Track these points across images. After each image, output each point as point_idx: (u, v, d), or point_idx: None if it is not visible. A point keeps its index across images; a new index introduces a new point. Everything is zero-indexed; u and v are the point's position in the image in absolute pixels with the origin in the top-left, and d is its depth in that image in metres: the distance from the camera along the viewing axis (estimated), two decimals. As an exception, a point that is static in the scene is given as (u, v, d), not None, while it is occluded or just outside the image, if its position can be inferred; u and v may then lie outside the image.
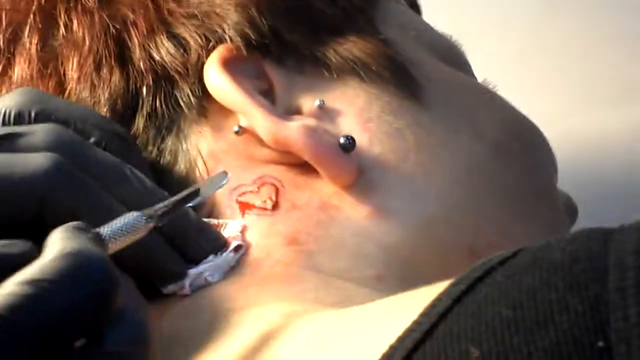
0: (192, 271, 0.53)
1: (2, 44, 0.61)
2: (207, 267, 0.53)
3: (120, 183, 0.53)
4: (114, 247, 0.48)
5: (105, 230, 0.48)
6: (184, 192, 0.53)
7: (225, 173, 0.54)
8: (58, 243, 0.43)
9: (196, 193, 0.53)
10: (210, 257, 0.54)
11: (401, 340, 0.40)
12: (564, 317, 0.37)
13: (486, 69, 0.68)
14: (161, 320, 0.53)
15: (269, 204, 0.56)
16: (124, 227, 0.49)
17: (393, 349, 0.40)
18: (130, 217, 0.49)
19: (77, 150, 0.53)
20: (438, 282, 0.42)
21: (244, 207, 0.56)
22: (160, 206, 0.51)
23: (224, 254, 0.54)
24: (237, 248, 0.54)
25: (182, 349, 0.51)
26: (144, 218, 0.49)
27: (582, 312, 0.37)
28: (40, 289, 0.40)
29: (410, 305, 0.41)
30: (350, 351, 0.42)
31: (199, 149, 0.57)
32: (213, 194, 0.55)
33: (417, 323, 0.40)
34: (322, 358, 0.43)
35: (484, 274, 0.40)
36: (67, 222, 0.49)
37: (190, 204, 0.53)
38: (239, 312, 0.51)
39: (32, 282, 0.41)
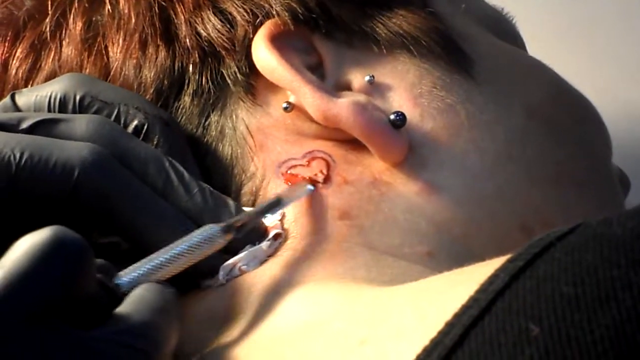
0: (226, 264, 0.53)
1: (50, 27, 0.61)
2: (242, 257, 0.53)
3: (158, 175, 0.53)
4: (191, 260, 0.49)
5: (182, 246, 0.48)
6: (265, 204, 0.53)
7: (307, 183, 0.54)
8: None
9: (277, 203, 0.53)
10: (247, 246, 0.53)
11: (458, 316, 0.39)
12: (626, 294, 0.36)
13: (537, 40, 0.67)
14: (198, 305, 0.53)
15: (321, 177, 0.55)
16: (202, 240, 0.49)
17: (450, 325, 0.39)
18: (208, 230, 0.49)
19: (116, 141, 0.53)
20: (491, 259, 0.41)
21: (293, 180, 0.55)
22: (238, 218, 0.51)
23: (262, 244, 0.53)
24: (276, 236, 0.54)
25: (213, 329, 0.51)
26: (223, 230, 0.50)
27: None
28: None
29: (466, 282, 0.40)
30: (405, 328, 0.41)
31: (246, 124, 0.57)
32: (295, 202, 0.54)
33: (474, 299, 0.39)
34: (377, 334, 0.42)
35: (542, 250, 0.39)
36: (99, 210, 0.51)
37: (271, 214, 0.53)
38: (285, 291, 0.50)
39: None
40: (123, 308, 0.44)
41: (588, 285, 0.37)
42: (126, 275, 0.47)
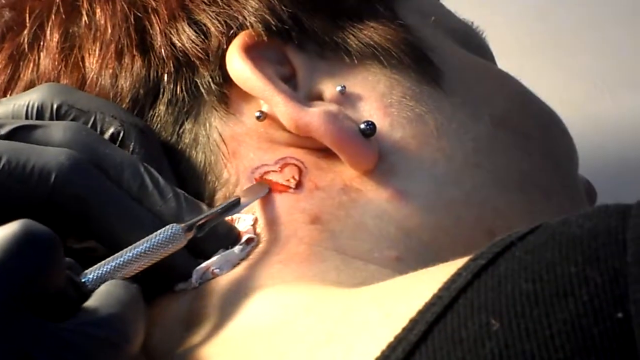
0: (199, 267, 0.54)
1: (28, 38, 0.62)
2: (215, 261, 0.54)
3: (133, 180, 0.54)
4: (154, 259, 0.50)
5: (145, 245, 0.50)
6: (225, 203, 0.54)
7: (264, 184, 0.55)
8: None
9: (237, 203, 0.54)
10: (220, 251, 0.54)
11: (422, 313, 0.40)
12: (583, 289, 0.38)
13: (505, 54, 0.68)
14: (172, 307, 0.54)
15: (293, 183, 0.56)
16: (164, 239, 0.50)
17: (414, 322, 0.40)
18: (170, 229, 0.51)
19: (93, 147, 0.54)
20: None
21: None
22: (200, 217, 0.53)
23: (234, 248, 0.54)
24: (249, 241, 0.55)
25: (184, 330, 0.52)
26: (184, 230, 0.51)
27: (602, 285, 0.38)
28: None
29: (430, 281, 0.42)
30: (370, 325, 0.42)
31: (219, 132, 0.58)
32: (252, 203, 0.55)
33: (437, 297, 0.40)
34: (343, 331, 0.43)
35: (503, 249, 0.41)
36: (75, 214, 0.51)
37: (230, 215, 0.54)
38: (255, 292, 0.51)
39: None
40: (91, 302, 0.44)
41: (546, 281, 0.38)
42: (92, 272, 0.48)
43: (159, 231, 0.51)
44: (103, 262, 0.49)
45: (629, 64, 1.00)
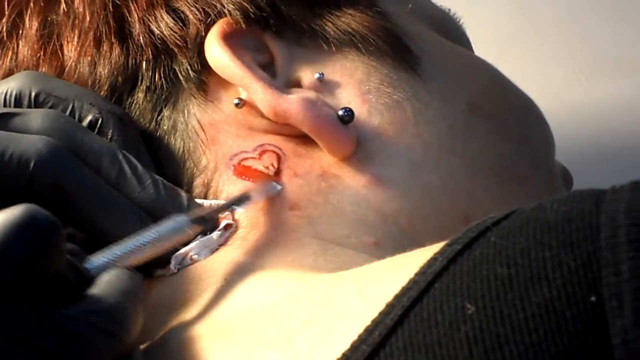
0: (177, 253, 0.54)
1: (6, 27, 0.62)
2: (194, 247, 0.54)
3: (111, 167, 0.54)
4: (159, 249, 0.50)
5: (151, 234, 0.50)
6: (233, 197, 0.55)
7: (276, 182, 0.55)
8: None
9: (246, 197, 0.54)
10: (199, 236, 0.55)
11: (398, 297, 0.40)
12: (557, 273, 0.38)
13: (482, 41, 0.69)
14: (151, 293, 0.54)
15: (272, 170, 0.57)
16: (170, 230, 0.51)
17: (390, 306, 0.40)
18: (178, 220, 0.51)
19: (71, 134, 0.55)
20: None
21: (245, 173, 0.57)
22: (208, 210, 0.53)
23: (212, 234, 0.55)
24: (227, 227, 0.55)
25: (165, 314, 0.52)
26: (190, 222, 0.52)
27: (575, 269, 0.38)
28: None
29: (407, 266, 0.42)
30: (348, 309, 0.43)
31: (198, 119, 0.58)
32: (263, 199, 0.56)
33: (414, 282, 0.41)
34: (320, 315, 0.44)
35: (478, 234, 0.41)
36: (54, 201, 0.51)
37: (240, 208, 0.54)
38: (234, 278, 0.52)
39: None
40: (94, 290, 0.44)
41: (521, 266, 0.39)
42: (95, 259, 0.48)
43: (165, 222, 0.51)
44: (106, 249, 0.49)
45: (606, 52, 1.01)
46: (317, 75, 0.58)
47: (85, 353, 0.41)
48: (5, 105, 0.56)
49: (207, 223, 0.53)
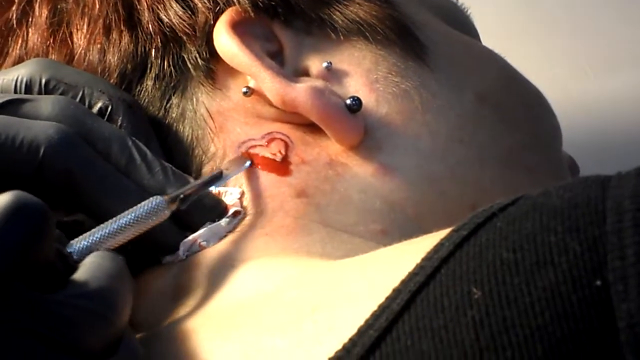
0: (186, 240, 0.54)
1: (16, 14, 0.62)
2: (202, 234, 0.54)
3: (121, 154, 0.55)
4: (138, 230, 0.51)
5: (129, 216, 0.50)
6: (207, 177, 0.55)
7: (244, 157, 0.56)
8: None
9: (219, 176, 0.55)
10: (207, 223, 0.55)
11: (405, 283, 0.41)
12: (562, 258, 0.38)
13: (490, 34, 0.69)
14: (159, 280, 0.54)
15: (279, 157, 0.57)
16: (148, 210, 0.51)
17: (397, 291, 0.41)
18: (153, 201, 0.51)
19: (81, 121, 0.55)
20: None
21: (253, 160, 0.57)
22: (183, 190, 0.53)
23: (221, 221, 0.55)
24: (235, 214, 0.55)
25: (174, 300, 0.52)
26: (167, 202, 0.52)
27: (581, 253, 0.38)
28: None
29: (413, 252, 0.42)
30: (355, 295, 0.43)
31: (206, 107, 0.58)
32: (235, 176, 0.56)
33: (420, 267, 0.41)
34: (328, 301, 0.44)
35: (485, 220, 0.41)
36: (64, 187, 0.52)
37: (213, 187, 0.55)
38: (242, 264, 0.52)
39: None
40: (79, 274, 0.44)
41: (527, 251, 0.39)
42: (77, 243, 0.48)
43: (142, 203, 0.52)
44: (87, 233, 0.49)
45: (613, 46, 1.01)
46: (325, 64, 0.58)
47: (78, 336, 0.41)
48: (16, 92, 0.57)
49: (183, 203, 0.53)
